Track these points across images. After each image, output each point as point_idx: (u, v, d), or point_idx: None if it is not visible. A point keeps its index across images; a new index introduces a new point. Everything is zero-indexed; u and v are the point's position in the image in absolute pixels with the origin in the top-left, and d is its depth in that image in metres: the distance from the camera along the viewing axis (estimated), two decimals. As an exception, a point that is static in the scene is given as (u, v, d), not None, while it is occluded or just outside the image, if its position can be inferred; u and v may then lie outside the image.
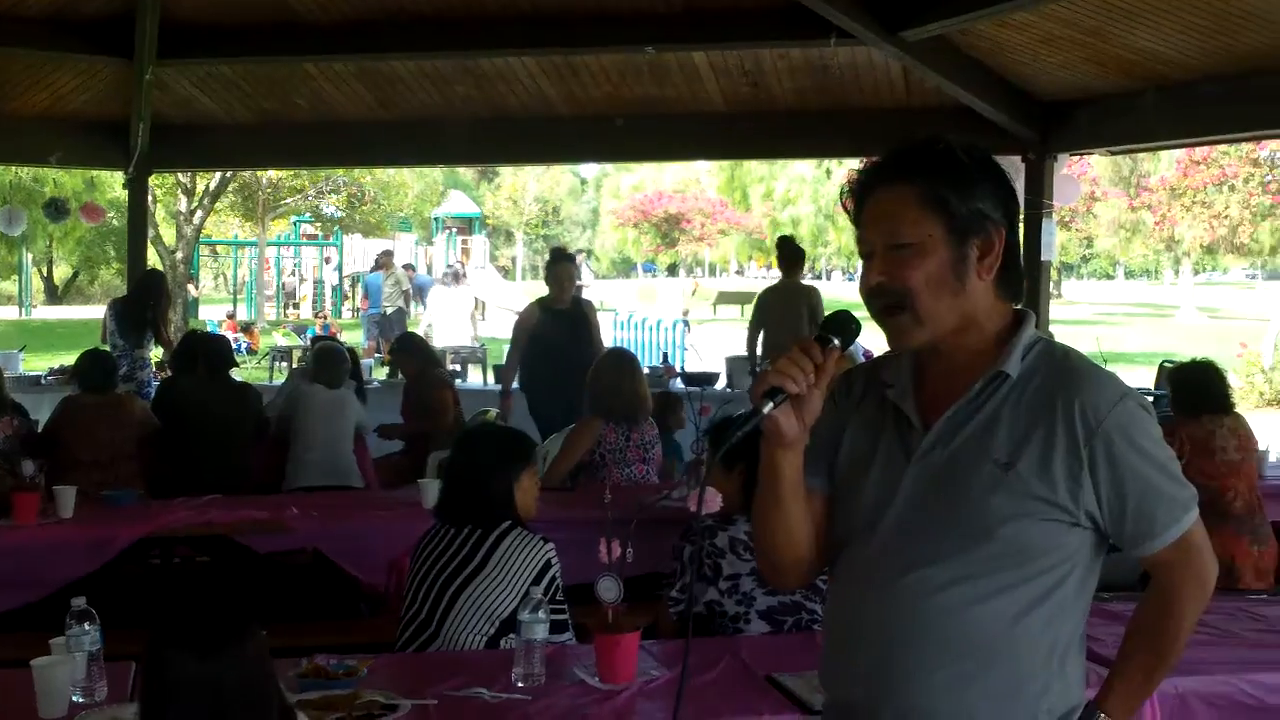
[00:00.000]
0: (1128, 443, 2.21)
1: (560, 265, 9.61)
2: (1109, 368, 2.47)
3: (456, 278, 21.59)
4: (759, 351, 10.47)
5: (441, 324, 19.05)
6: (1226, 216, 25.11)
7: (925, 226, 2.24)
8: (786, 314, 10.21)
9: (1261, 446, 7.39)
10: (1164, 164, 32.45)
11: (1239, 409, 6.43)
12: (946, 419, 2.29)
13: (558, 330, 9.19)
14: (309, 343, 15.39)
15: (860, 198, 2.33)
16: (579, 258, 33.63)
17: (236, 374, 8.17)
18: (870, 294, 2.29)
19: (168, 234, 28.39)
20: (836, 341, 2.25)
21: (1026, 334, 2.30)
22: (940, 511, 2.25)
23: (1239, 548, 5.79)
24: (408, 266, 28.02)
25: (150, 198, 18.16)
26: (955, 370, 2.31)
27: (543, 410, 9.05)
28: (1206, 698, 3.60)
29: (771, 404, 2.19)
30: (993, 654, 2.22)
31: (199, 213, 26.77)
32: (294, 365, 16.61)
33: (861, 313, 2.39)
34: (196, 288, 28.20)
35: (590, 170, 68.01)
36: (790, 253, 10.64)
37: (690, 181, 50.41)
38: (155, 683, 2.34)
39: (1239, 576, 5.69)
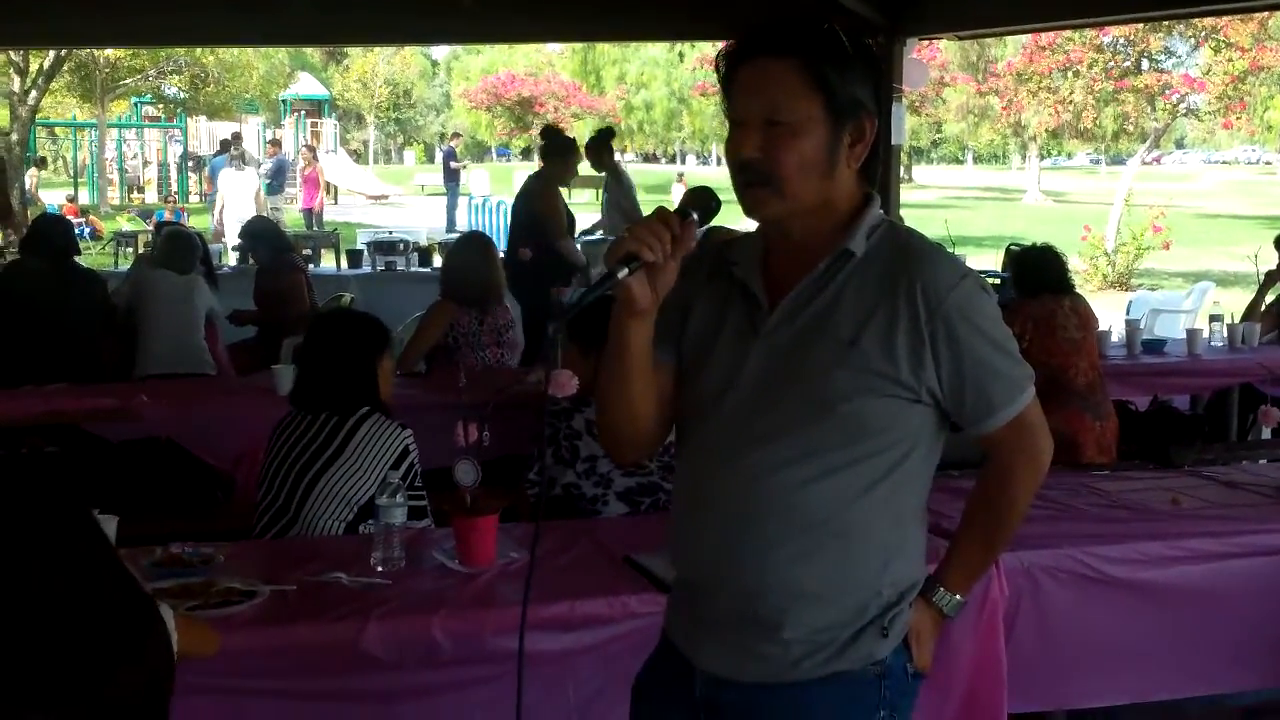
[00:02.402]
0: (967, 322, 2.24)
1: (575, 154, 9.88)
2: (957, 251, 2.53)
3: (243, 160, 21.46)
4: None
5: (230, 206, 19.06)
6: (1071, 102, 25.48)
7: (806, 106, 2.21)
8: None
9: (1104, 326, 7.64)
10: (1011, 50, 32.82)
11: (1083, 291, 6.61)
12: (792, 297, 2.29)
13: None
14: (154, 228, 15.06)
15: (736, 64, 2.28)
16: (455, 141, 33.17)
17: (80, 261, 7.96)
18: (740, 166, 2.26)
19: (1, 116, 27.39)
20: (695, 215, 2.24)
21: (872, 214, 2.31)
22: (784, 388, 2.27)
23: (1081, 423, 5.95)
24: (273, 143, 27.47)
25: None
26: (803, 249, 2.31)
27: None
28: (1050, 570, 3.72)
29: (626, 270, 2.17)
30: (834, 530, 2.26)
31: (34, 93, 25.84)
32: (139, 251, 16.23)
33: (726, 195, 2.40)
34: (37, 172, 27.21)
35: (440, 52, 66.98)
36: (558, 145, 10.06)
37: (543, 64, 49.87)
38: (7, 583, 2.29)
39: (1082, 451, 5.87)
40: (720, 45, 2.36)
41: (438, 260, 11.69)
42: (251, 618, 3.18)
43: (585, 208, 16.99)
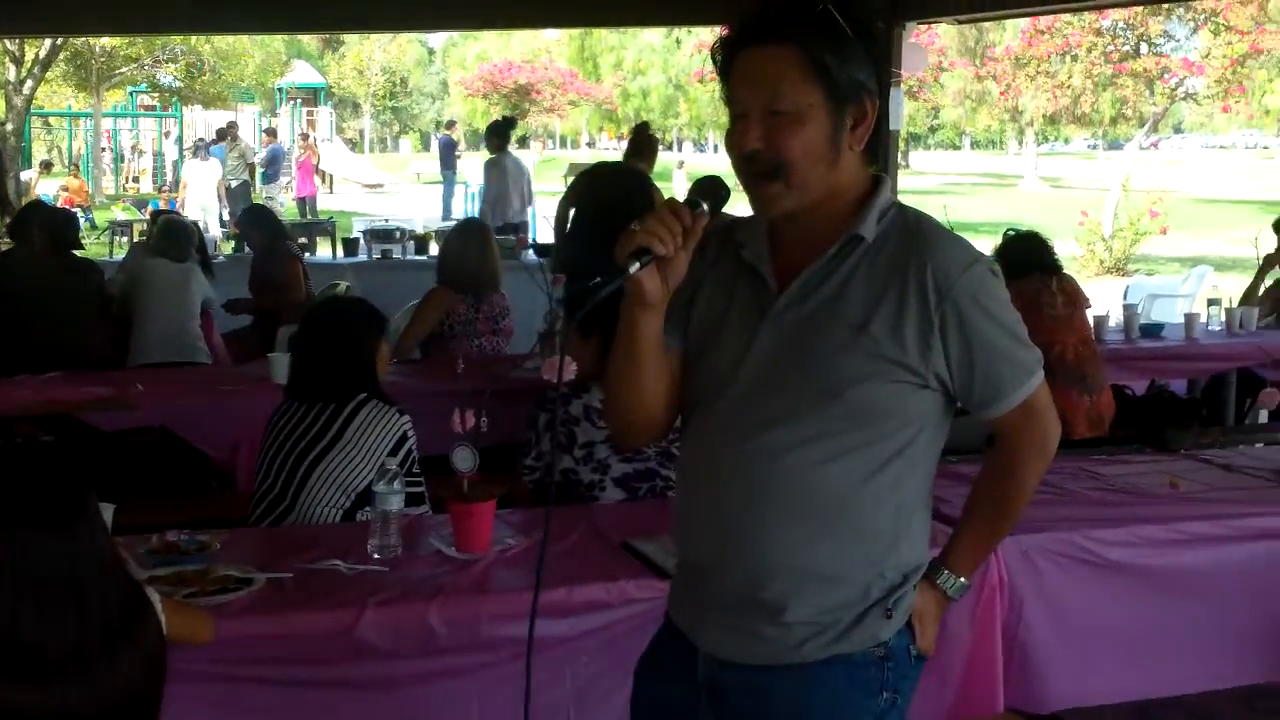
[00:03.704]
0: (977, 307, 2.24)
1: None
2: (957, 236, 2.50)
3: (206, 151, 21.90)
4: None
5: (192, 194, 19.49)
6: (1069, 86, 25.45)
7: (806, 94, 2.20)
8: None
9: (1101, 311, 7.63)
10: (1009, 34, 32.79)
11: (1080, 277, 6.63)
12: (801, 280, 2.29)
13: None
14: (150, 216, 15.07)
15: (733, 53, 2.26)
16: (451, 129, 33.20)
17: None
18: (745, 159, 2.24)
19: (-4, 105, 27.35)
20: (705, 206, 2.23)
21: (882, 198, 2.30)
22: (792, 371, 2.26)
23: (1067, 399, 5.92)
24: (270, 131, 27.58)
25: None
26: (812, 232, 2.30)
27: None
28: (1048, 554, 3.71)
29: (638, 264, 2.16)
30: (840, 513, 2.26)
31: (29, 82, 25.78)
32: (134, 240, 16.25)
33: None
34: (43, 171, 27.17)
35: (437, 40, 66.90)
36: (643, 142, 10.07)
37: (539, 51, 49.81)
38: (9, 564, 2.28)
39: (1073, 427, 5.86)
40: (718, 31, 2.34)
41: (434, 248, 11.68)
42: (247, 605, 3.16)
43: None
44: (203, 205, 20.19)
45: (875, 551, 2.30)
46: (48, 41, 24.72)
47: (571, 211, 9.30)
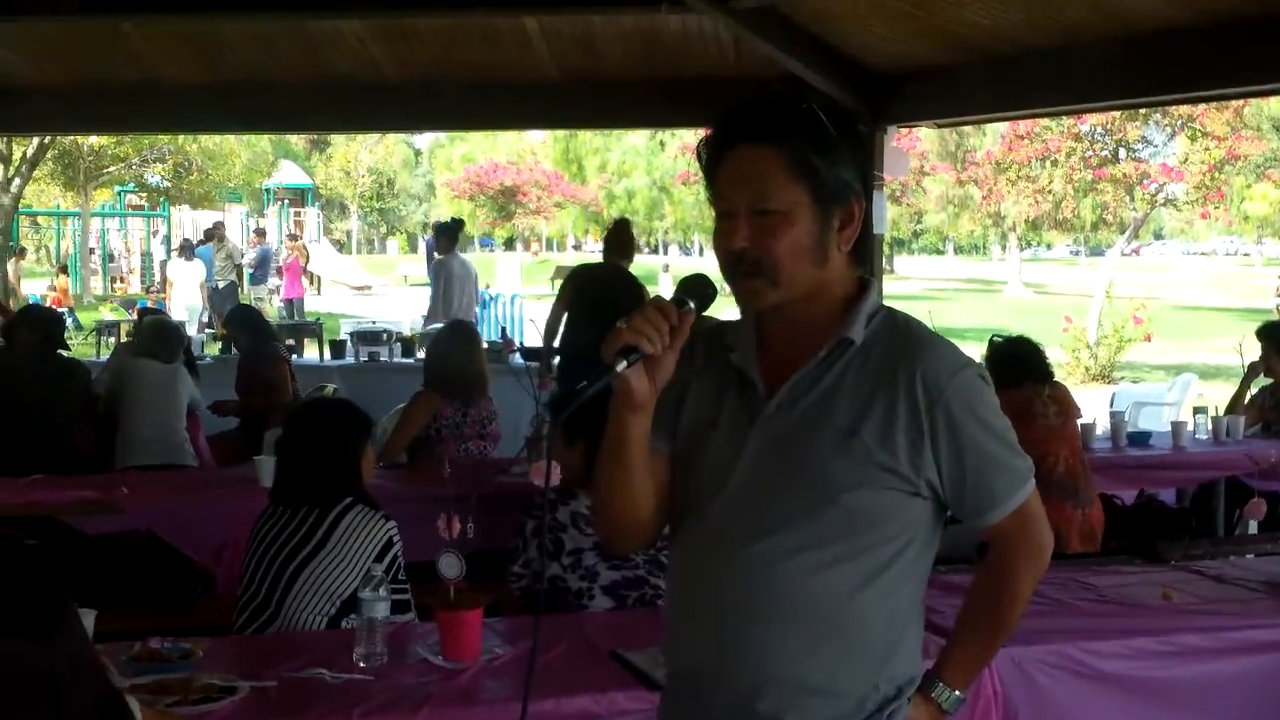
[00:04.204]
0: (967, 412, 2.23)
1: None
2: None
3: (190, 251, 22.22)
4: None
5: (178, 296, 19.77)
6: (1050, 191, 25.66)
7: (792, 194, 2.20)
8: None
9: (1088, 419, 7.62)
10: (989, 139, 33.15)
11: (1067, 384, 6.63)
12: (790, 384, 2.27)
13: None
14: (137, 315, 15.09)
15: (719, 152, 2.26)
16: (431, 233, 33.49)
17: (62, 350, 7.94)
18: (732, 259, 2.23)
19: (-16, 204, 27.45)
20: (692, 305, 2.21)
21: (869, 301, 2.30)
22: (783, 477, 2.24)
23: (1061, 514, 5.89)
24: (259, 232, 27.78)
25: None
26: (799, 335, 2.29)
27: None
28: (1042, 666, 3.67)
29: (625, 363, 2.14)
30: (835, 622, 2.23)
31: (17, 180, 25.91)
32: (120, 340, 16.25)
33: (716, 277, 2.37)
34: (18, 262, 27.23)
35: (424, 141, 67.45)
36: (624, 237, 10.14)
37: (525, 153, 50.26)
38: None
39: (1066, 542, 5.83)
40: (701, 133, 2.35)
41: (421, 351, 11.70)
42: (231, 715, 3.12)
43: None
44: (188, 305, 20.37)
45: (870, 663, 2.27)
46: (35, 140, 24.88)
47: (565, 316, 9.42)
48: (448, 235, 14.24)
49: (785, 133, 2.21)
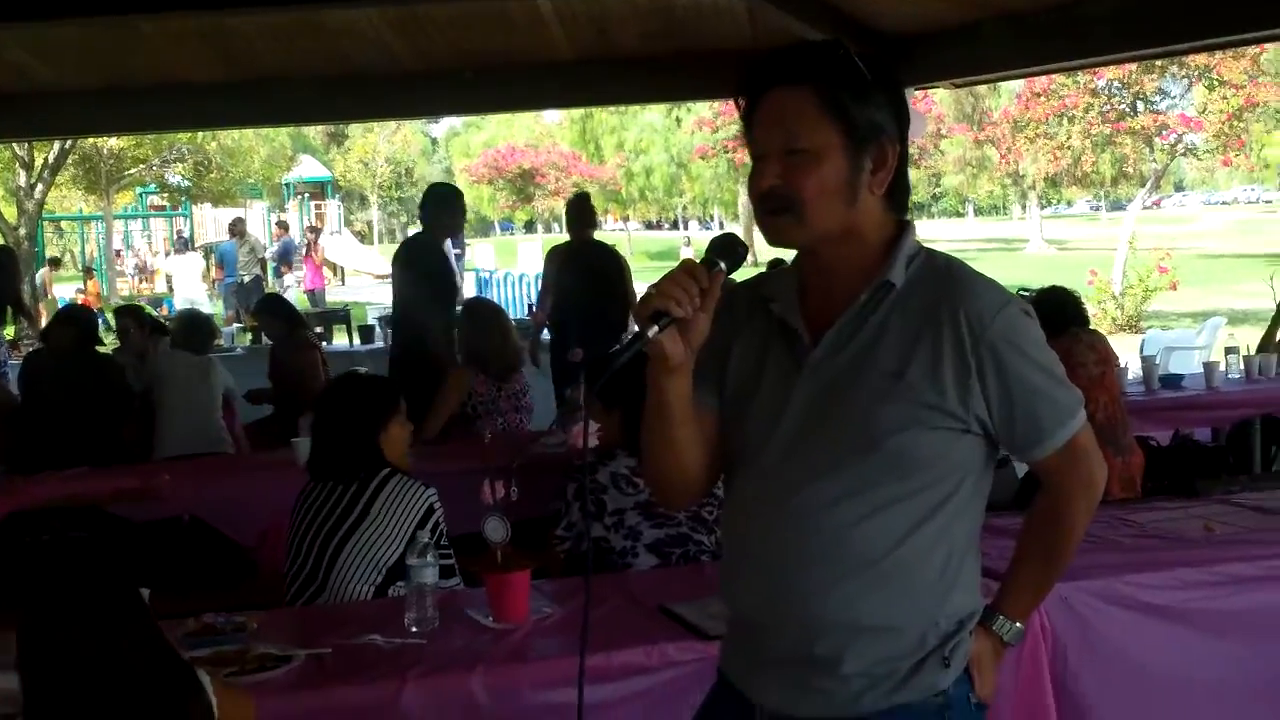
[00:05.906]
0: (1013, 348, 2.22)
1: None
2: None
3: (187, 245, 22.32)
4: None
5: (179, 287, 19.83)
6: (1068, 147, 25.50)
7: (823, 133, 2.20)
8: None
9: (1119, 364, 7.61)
10: (1005, 99, 32.98)
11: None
12: (834, 330, 2.27)
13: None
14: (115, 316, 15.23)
15: (755, 96, 2.26)
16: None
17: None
18: (762, 196, 2.24)
19: (8, 210, 27.58)
20: (723, 265, 2.21)
21: (909, 243, 2.29)
22: (830, 424, 2.24)
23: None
24: (281, 225, 27.84)
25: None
26: (838, 281, 2.29)
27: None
28: (1089, 600, 3.69)
29: (656, 328, 2.14)
30: (889, 565, 2.23)
31: (39, 186, 26.03)
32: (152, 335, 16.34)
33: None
34: (50, 271, 27.36)
35: (440, 129, 67.45)
36: (585, 210, 10.01)
37: (542, 136, 50.20)
38: (59, 660, 2.29)
39: (1107, 489, 5.82)
40: (717, 108, 2.34)
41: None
42: (289, 682, 3.16)
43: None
44: (190, 298, 20.46)
45: (927, 601, 2.27)
46: (56, 145, 24.99)
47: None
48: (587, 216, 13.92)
49: (817, 73, 2.22)
